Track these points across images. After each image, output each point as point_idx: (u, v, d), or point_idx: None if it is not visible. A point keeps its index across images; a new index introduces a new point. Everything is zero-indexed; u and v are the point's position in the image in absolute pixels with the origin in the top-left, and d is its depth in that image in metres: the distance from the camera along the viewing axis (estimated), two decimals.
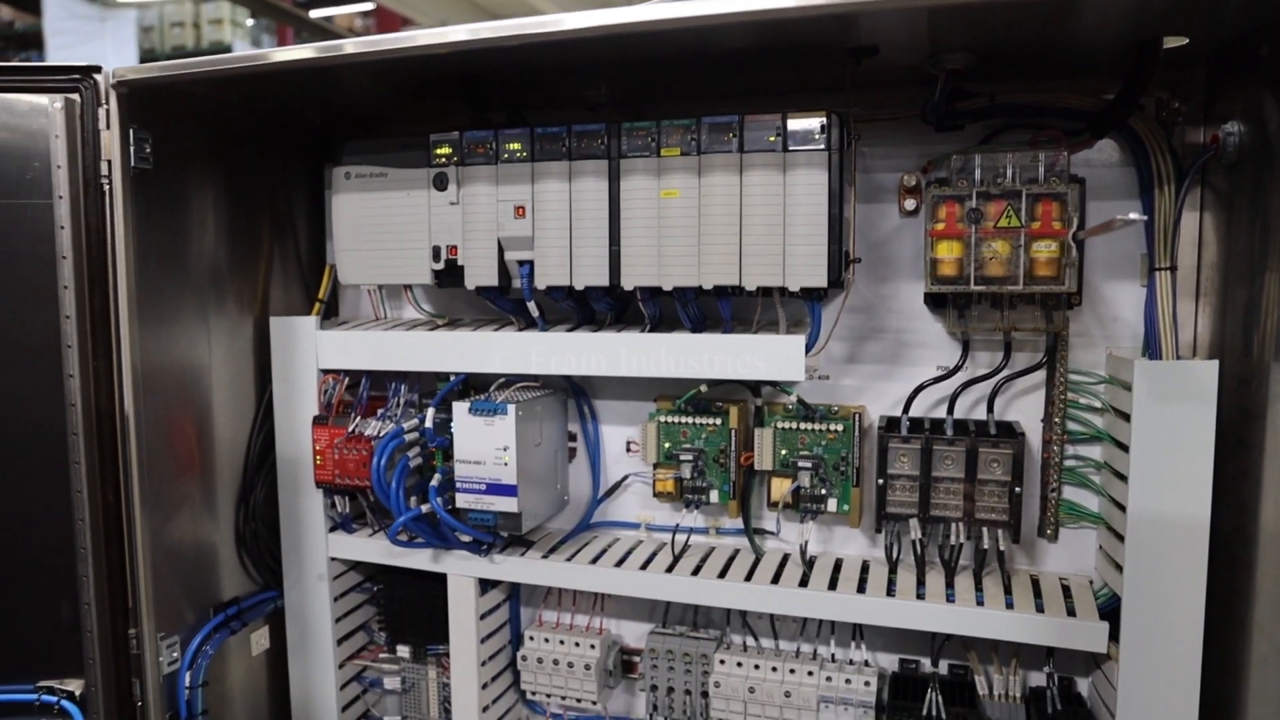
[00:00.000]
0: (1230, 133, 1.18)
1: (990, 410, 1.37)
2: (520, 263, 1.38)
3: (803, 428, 1.41)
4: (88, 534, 1.34)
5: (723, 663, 1.47)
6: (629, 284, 1.32)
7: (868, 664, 1.46)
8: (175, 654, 1.44)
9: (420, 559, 1.54)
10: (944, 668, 1.44)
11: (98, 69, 1.31)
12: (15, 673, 1.38)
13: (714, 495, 1.46)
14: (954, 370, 1.38)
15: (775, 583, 1.39)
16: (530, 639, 1.58)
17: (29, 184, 1.30)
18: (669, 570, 1.44)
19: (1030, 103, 1.31)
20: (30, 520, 1.36)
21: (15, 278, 1.32)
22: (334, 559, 1.61)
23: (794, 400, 1.42)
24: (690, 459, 1.45)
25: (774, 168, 1.24)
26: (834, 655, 1.49)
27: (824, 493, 1.41)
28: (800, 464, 1.40)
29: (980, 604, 1.31)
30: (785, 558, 1.48)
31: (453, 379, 1.50)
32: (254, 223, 1.61)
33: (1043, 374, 1.37)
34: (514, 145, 1.35)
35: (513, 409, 1.40)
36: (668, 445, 1.47)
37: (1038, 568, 1.42)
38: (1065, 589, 1.34)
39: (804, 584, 1.38)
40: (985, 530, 1.34)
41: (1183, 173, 1.26)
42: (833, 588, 1.37)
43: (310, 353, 1.56)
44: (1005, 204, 1.23)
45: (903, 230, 1.43)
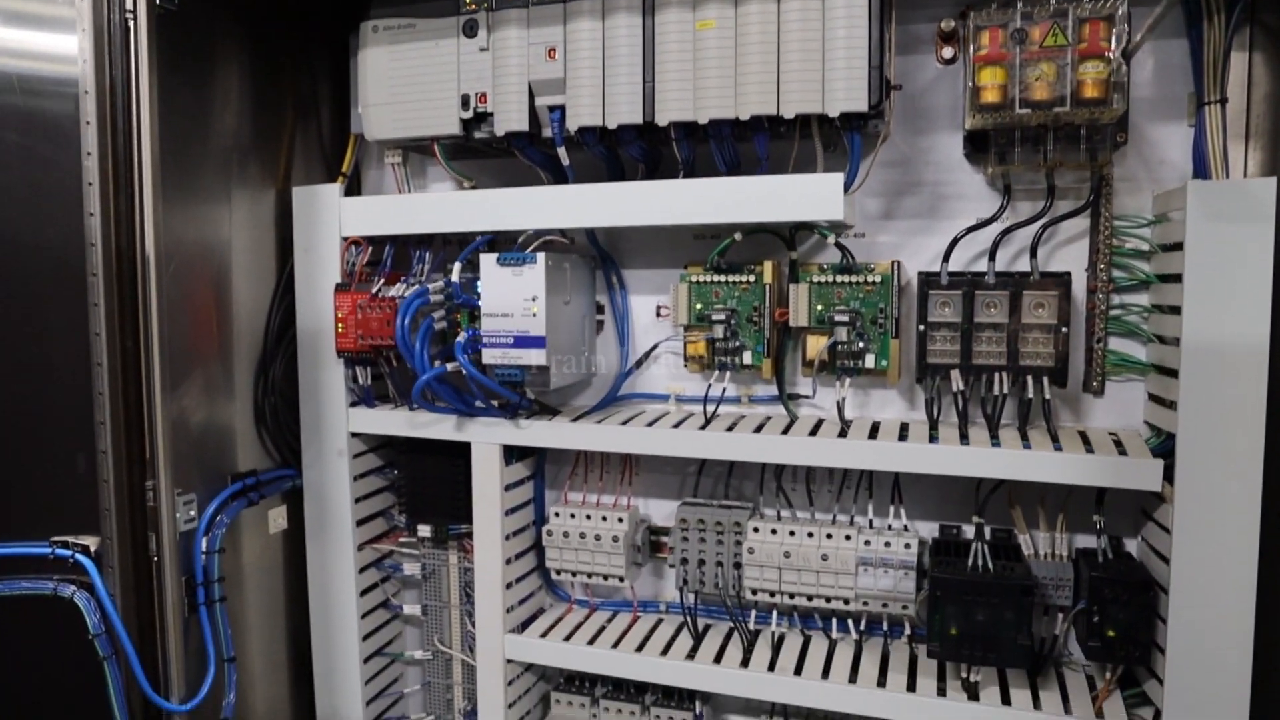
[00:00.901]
0: None
1: (1033, 257, 1.32)
2: (551, 109, 1.35)
3: (839, 280, 1.37)
4: (105, 379, 1.30)
5: (756, 530, 1.42)
6: (663, 119, 1.29)
7: (907, 529, 1.41)
8: (192, 513, 1.40)
9: (444, 428, 1.50)
10: (987, 533, 1.39)
11: None
12: (31, 527, 1.33)
13: (747, 356, 1.42)
14: (995, 216, 1.34)
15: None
16: (555, 515, 1.53)
17: (50, 17, 1.28)
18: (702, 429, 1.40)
19: None
20: (49, 364, 1.32)
21: (36, 111, 1.29)
22: (354, 434, 1.57)
23: (831, 243, 1.38)
24: (723, 318, 1.41)
25: None
26: (872, 523, 1.44)
27: (862, 347, 1.36)
28: (837, 318, 1.36)
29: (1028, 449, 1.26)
30: (820, 422, 1.43)
31: (479, 238, 1.46)
32: (278, 91, 1.59)
33: (1086, 221, 1.34)
34: None
35: (542, 258, 1.36)
36: (699, 306, 1.43)
37: (1084, 423, 1.37)
38: (1115, 441, 1.29)
39: (843, 436, 1.34)
40: (1030, 379, 1.29)
41: (1232, 2, 1.23)
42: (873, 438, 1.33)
43: (333, 221, 1.52)
44: (1051, 24, 1.20)
45: (940, 81, 1.39)
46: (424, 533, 1.60)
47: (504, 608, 1.50)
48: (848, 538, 1.39)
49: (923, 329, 1.32)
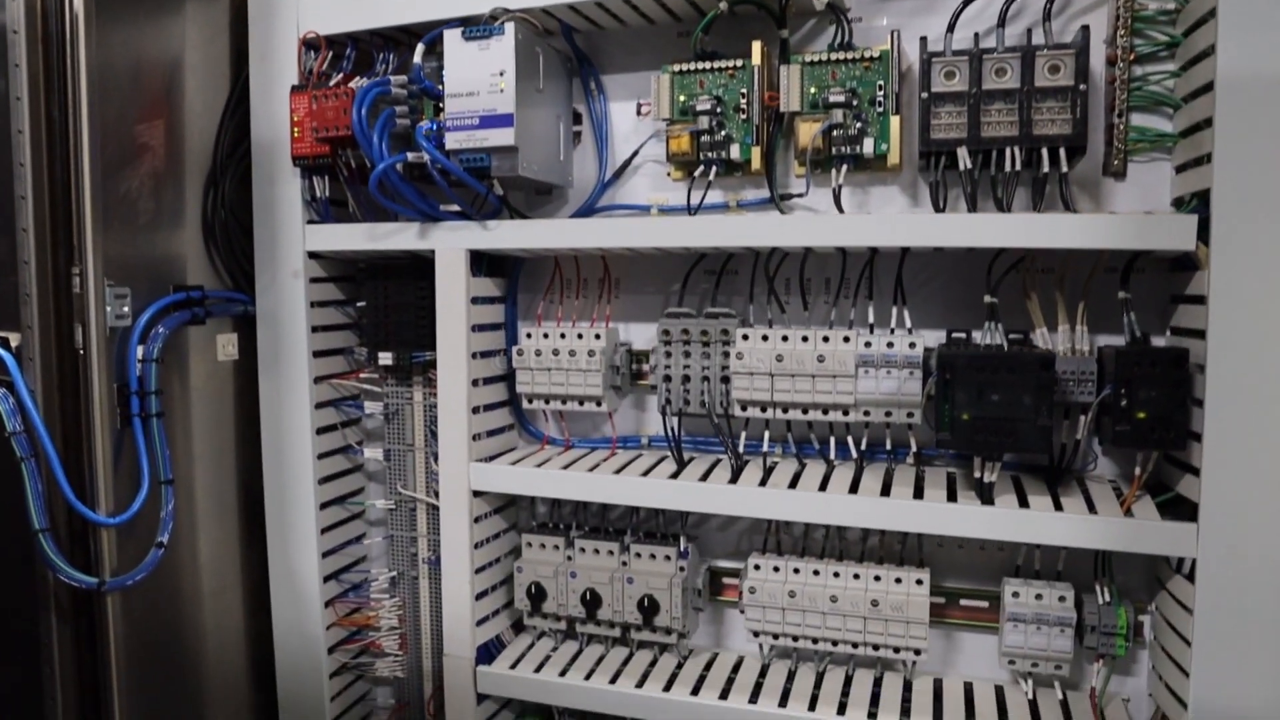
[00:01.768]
0: None
1: (1047, 20, 1.20)
2: None
3: (834, 59, 1.26)
4: (26, 149, 1.19)
5: (745, 338, 1.30)
6: None
7: (911, 331, 1.29)
8: (125, 309, 1.28)
9: (406, 237, 1.38)
10: (1000, 332, 1.26)
11: None
12: None
13: (734, 150, 1.29)
14: None
15: None
16: (527, 336, 1.41)
17: None
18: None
19: None
20: None
21: None
22: (312, 255, 1.45)
23: (820, 6, 1.26)
24: (707, 108, 1.29)
25: None
26: (872, 329, 1.32)
27: (859, 129, 1.24)
28: (832, 99, 1.24)
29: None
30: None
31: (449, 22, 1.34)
32: None
33: None
34: None
35: (511, 29, 1.24)
36: (682, 99, 1.31)
37: (1104, 209, 1.25)
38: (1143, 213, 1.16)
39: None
40: (1045, 152, 1.17)
41: None
42: None
43: (291, 20, 1.41)
44: None
45: None
46: (385, 360, 1.47)
47: (469, 434, 1.37)
48: (846, 340, 1.26)
49: (925, 98, 1.19)
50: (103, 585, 1.23)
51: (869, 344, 1.25)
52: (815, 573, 1.31)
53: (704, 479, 1.29)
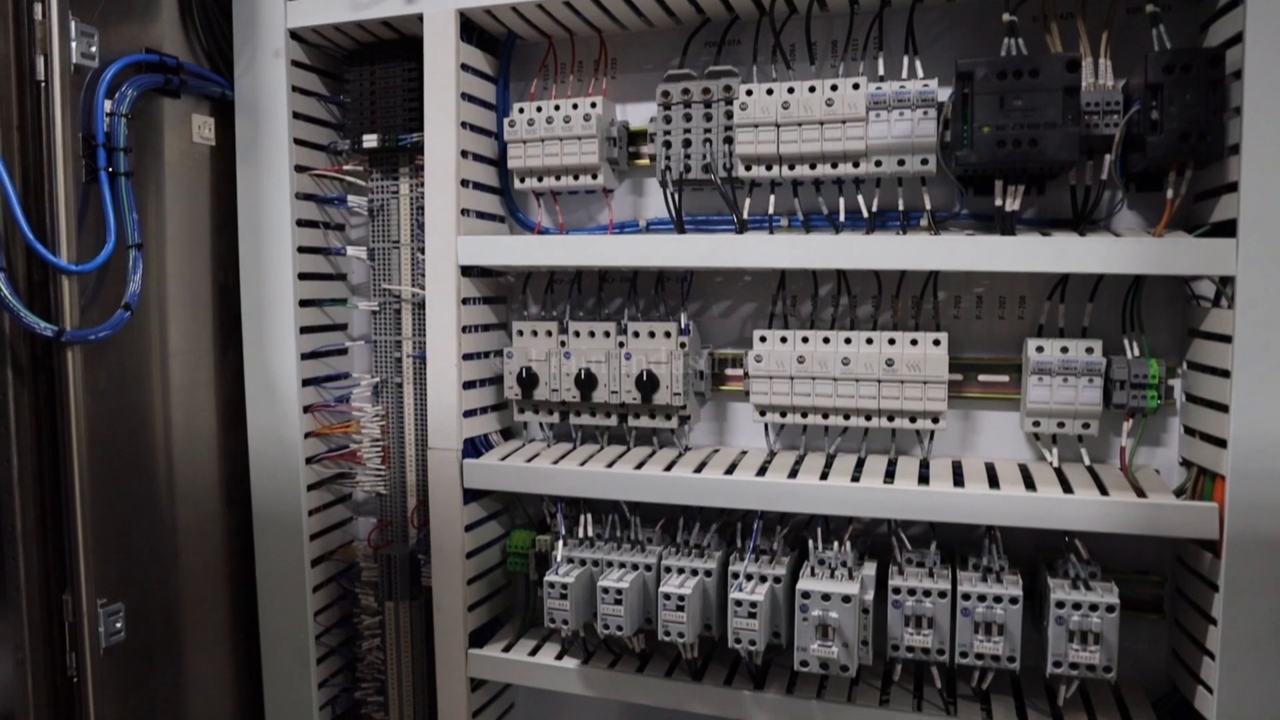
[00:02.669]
0: None
1: None
2: None
3: None
4: None
5: (750, 92, 1.22)
6: None
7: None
8: (92, 49, 1.20)
9: (391, 3, 1.30)
10: None
11: None
12: None
13: None
14: None
15: None
16: (520, 110, 1.33)
17: None
18: None
19: None
20: None
21: None
22: (294, 34, 1.37)
23: None
24: None
25: None
26: (883, 78, 1.24)
27: None
28: None
29: None
30: None
31: None
32: None
33: None
34: None
35: None
36: None
37: None
38: None
39: None
40: None
41: None
42: None
43: None
44: None
45: None
46: (370, 143, 1.39)
47: (457, 207, 1.30)
48: (856, 86, 1.19)
49: None
50: (62, 334, 1.14)
51: (880, 85, 1.18)
52: (825, 340, 1.23)
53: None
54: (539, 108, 1.32)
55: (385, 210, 1.44)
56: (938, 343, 1.19)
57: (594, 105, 1.30)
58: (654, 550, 1.27)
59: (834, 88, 1.19)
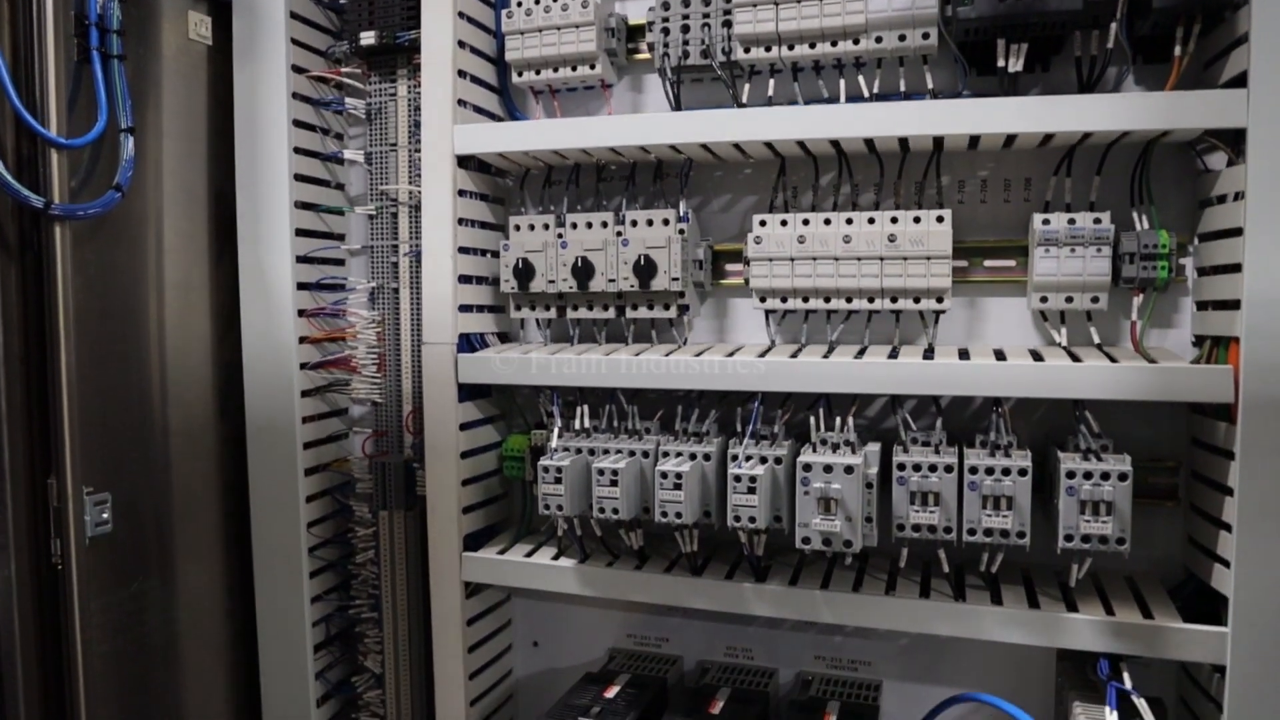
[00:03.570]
0: None
1: None
2: None
3: None
4: None
5: None
6: None
7: None
8: None
9: None
10: None
11: None
12: None
13: None
14: None
15: None
16: (518, 2, 1.32)
17: None
18: None
19: None
20: None
21: None
22: None
23: None
24: None
25: None
26: None
27: None
28: None
29: None
30: None
31: None
32: None
33: None
34: None
35: None
36: None
37: None
38: None
39: None
40: None
41: None
42: None
43: None
44: None
45: None
46: (368, 40, 1.38)
47: (454, 95, 1.28)
48: None
49: None
50: (50, 205, 1.13)
51: None
52: (827, 221, 1.20)
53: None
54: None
55: (383, 113, 1.43)
56: (941, 219, 1.16)
57: None
58: (652, 439, 1.24)
59: None
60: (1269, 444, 1.00)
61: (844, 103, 1.21)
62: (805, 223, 1.21)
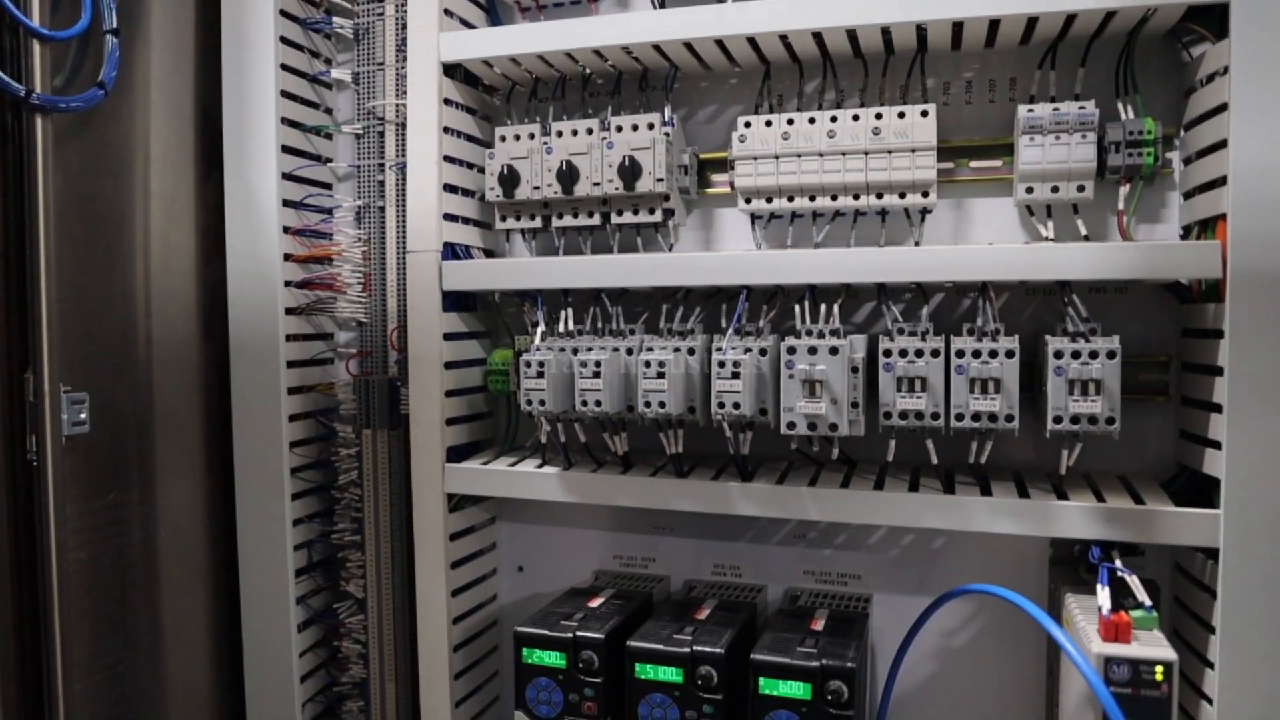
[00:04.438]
0: None
1: None
2: None
3: None
4: None
5: None
6: None
7: None
8: None
9: None
10: None
11: None
12: None
13: None
14: None
15: None
16: None
17: None
18: None
19: None
20: None
21: None
22: None
23: None
24: None
25: None
26: None
27: None
28: None
29: None
30: None
31: None
32: None
33: None
34: None
35: None
36: None
37: None
38: None
39: None
40: None
41: None
42: None
43: None
44: None
45: None
46: None
47: (440, 6, 1.28)
48: None
49: None
50: (30, 94, 1.12)
51: None
52: (811, 120, 1.20)
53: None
54: None
55: (370, 32, 1.44)
56: (925, 113, 1.16)
57: None
58: (635, 339, 1.23)
59: None
60: (1258, 319, 0.99)
61: None
62: (790, 121, 1.20)
